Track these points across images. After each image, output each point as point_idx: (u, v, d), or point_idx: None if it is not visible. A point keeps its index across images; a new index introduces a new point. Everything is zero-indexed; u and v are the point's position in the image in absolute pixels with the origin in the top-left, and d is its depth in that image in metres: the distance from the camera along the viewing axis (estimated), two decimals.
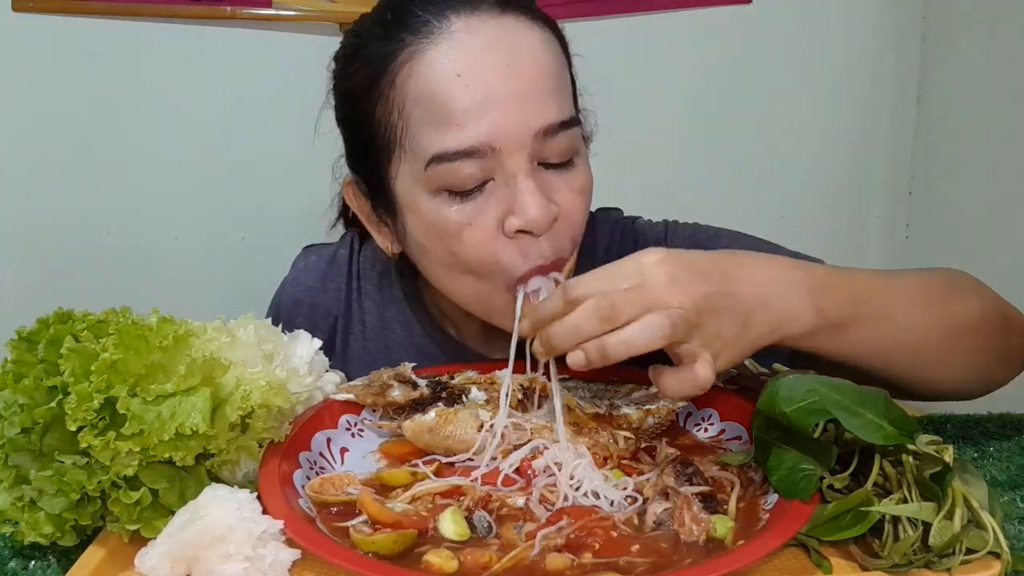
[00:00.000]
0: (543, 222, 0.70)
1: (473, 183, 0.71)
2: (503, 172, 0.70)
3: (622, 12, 1.90)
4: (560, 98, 0.73)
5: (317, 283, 0.95)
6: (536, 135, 0.70)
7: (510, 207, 0.70)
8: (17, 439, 0.58)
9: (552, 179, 0.73)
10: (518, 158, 0.70)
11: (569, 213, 0.73)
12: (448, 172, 0.70)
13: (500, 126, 0.69)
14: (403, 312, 0.93)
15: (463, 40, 0.70)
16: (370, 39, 0.75)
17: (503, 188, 0.71)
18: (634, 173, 2.01)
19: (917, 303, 0.70)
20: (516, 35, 0.72)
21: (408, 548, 0.54)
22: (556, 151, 0.72)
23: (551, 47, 0.74)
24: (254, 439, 0.63)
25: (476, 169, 0.70)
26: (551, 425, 0.68)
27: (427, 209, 0.73)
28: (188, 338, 0.62)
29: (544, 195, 0.71)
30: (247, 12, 1.79)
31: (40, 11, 1.74)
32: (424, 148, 0.71)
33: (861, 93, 2.05)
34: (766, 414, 0.59)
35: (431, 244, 0.75)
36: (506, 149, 0.69)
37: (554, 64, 0.73)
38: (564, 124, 0.72)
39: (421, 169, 0.71)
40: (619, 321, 0.57)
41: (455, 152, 0.69)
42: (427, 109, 0.70)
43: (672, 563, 0.53)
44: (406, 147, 0.73)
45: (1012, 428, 0.82)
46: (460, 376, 0.75)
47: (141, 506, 0.57)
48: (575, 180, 0.74)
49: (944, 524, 0.53)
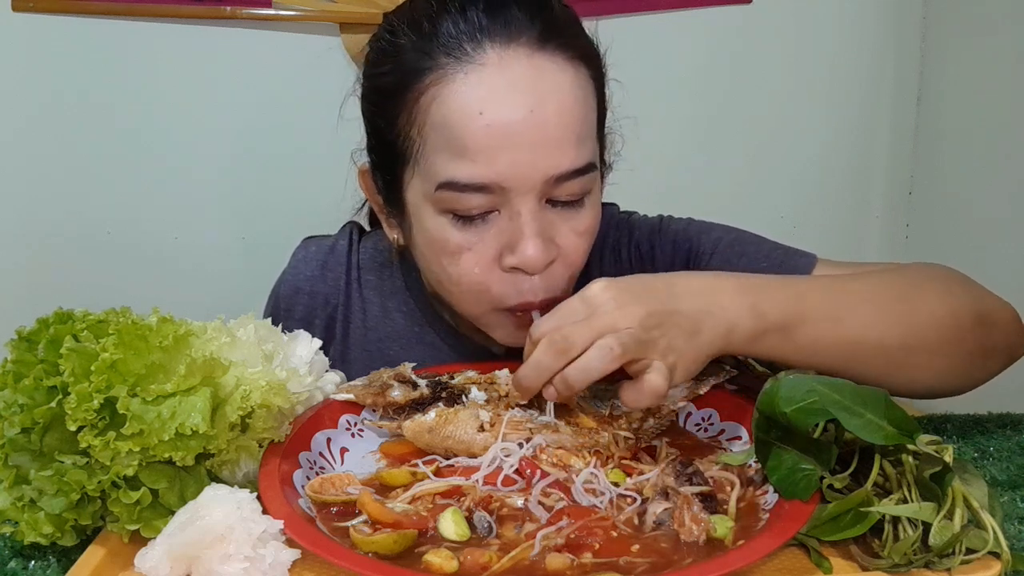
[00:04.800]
0: (539, 264, 0.72)
1: (478, 212, 0.73)
2: (509, 208, 0.72)
3: (622, 12, 1.90)
4: (579, 146, 0.73)
5: (317, 272, 0.96)
6: (547, 180, 0.72)
7: (510, 242, 0.72)
8: (17, 439, 0.58)
9: (557, 219, 0.74)
10: (526, 198, 0.71)
11: (568, 255, 0.75)
12: (455, 199, 0.72)
13: (512, 169, 0.70)
14: (405, 302, 0.94)
15: (492, 76, 0.70)
16: (405, 45, 0.75)
17: (507, 222, 0.72)
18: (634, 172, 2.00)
19: (872, 302, 0.70)
20: (547, 76, 0.71)
21: (408, 548, 0.54)
22: (566, 192, 0.73)
23: (582, 89, 0.74)
24: (254, 439, 0.63)
25: (483, 201, 0.72)
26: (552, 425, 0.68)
27: (431, 226, 0.75)
28: (188, 338, 0.62)
29: (545, 236, 0.72)
30: (247, 12, 1.79)
31: (40, 11, 1.74)
32: (436, 172, 0.72)
33: (861, 93, 2.05)
34: (766, 414, 0.59)
35: (431, 257, 0.78)
36: (515, 189, 0.71)
37: (580, 108, 0.73)
38: (578, 172, 0.73)
39: (431, 190, 0.73)
40: (575, 352, 0.60)
41: (464, 184, 0.71)
42: (445, 137, 0.71)
43: (672, 563, 0.53)
44: (420, 164, 0.74)
45: (1012, 428, 0.82)
46: (460, 376, 0.75)
47: (141, 506, 0.57)
48: (580, 222, 0.75)
49: (944, 524, 0.53)
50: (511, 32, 0.71)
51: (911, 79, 2.04)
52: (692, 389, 0.73)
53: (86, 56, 1.77)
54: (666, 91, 1.95)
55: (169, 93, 1.82)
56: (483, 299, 0.76)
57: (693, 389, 0.73)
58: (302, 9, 1.80)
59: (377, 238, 0.98)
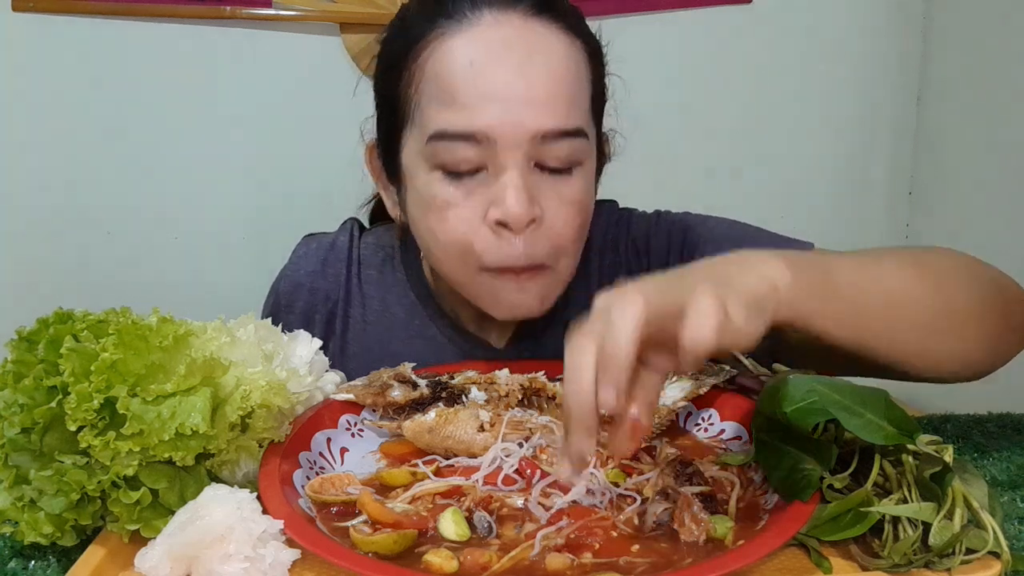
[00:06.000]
0: (521, 216, 0.72)
1: (467, 167, 0.73)
2: (495, 164, 0.73)
3: (622, 12, 1.90)
4: (568, 108, 0.74)
5: (317, 268, 0.96)
6: (534, 137, 0.72)
7: (496, 197, 0.73)
8: (17, 439, 0.58)
9: (544, 183, 0.74)
10: (513, 154, 0.72)
11: (552, 220, 0.74)
12: (445, 151, 0.73)
13: (500, 119, 0.71)
14: (406, 295, 0.94)
15: (486, 33, 0.73)
16: (413, 17, 0.79)
17: (493, 180, 0.73)
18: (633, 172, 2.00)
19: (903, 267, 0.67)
20: (539, 40, 0.74)
21: (408, 548, 0.54)
22: (554, 156, 0.74)
23: (574, 61, 0.75)
24: (254, 439, 0.63)
25: (472, 154, 0.72)
26: (552, 425, 0.68)
27: (422, 183, 0.76)
28: (188, 338, 0.62)
29: (529, 194, 0.72)
30: (247, 12, 1.79)
31: (40, 11, 1.74)
32: (428, 123, 0.74)
33: (861, 93, 2.05)
34: (766, 414, 0.59)
35: (419, 218, 0.79)
36: (502, 142, 0.72)
37: (571, 74, 0.75)
38: (566, 133, 0.73)
39: (423, 143, 0.74)
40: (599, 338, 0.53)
41: (454, 133, 0.72)
42: (438, 87, 0.73)
43: (672, 563, 0.53)
44: (415, 120, 0.76)
45: (1012, 428, 0.82)
46: (460, 376, 0.75)
47: (141, 506, 0.57)
48: (567, 190, 0.75)
49: (944, 524, 0.53)
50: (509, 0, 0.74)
51: (911, 79, 2.04)
52: (692, 389, 0.73)
53: (86, 56, 1.77)
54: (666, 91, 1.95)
55: (169, 93, 1.82)
56: (468, 259, 0.76)
57: (693, 389, 0.73)
58: (302, 9, 1.80)
59: (378, 234, 0.99)
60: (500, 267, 0.75)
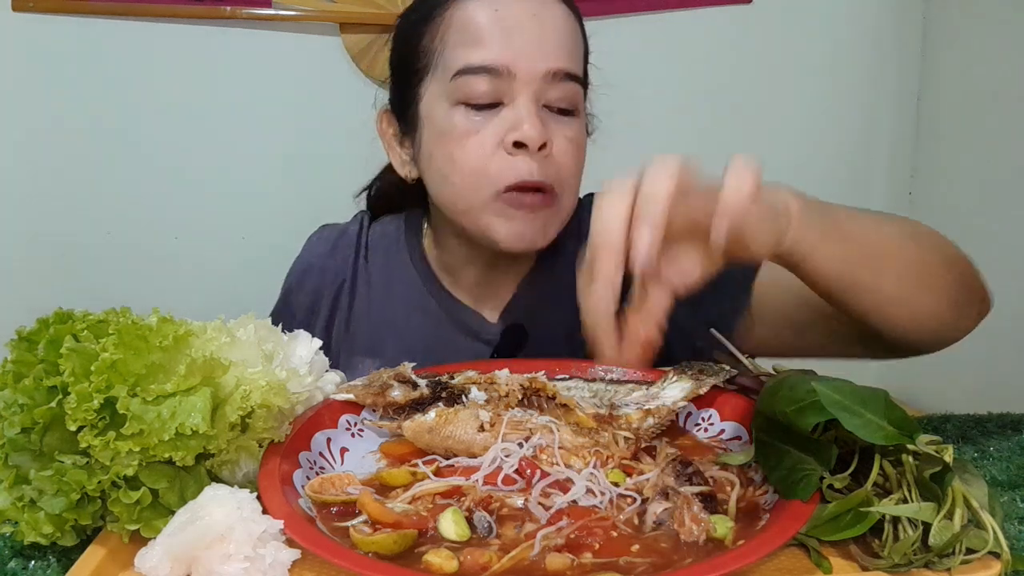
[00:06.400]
0: (536, 138, 0.82)
1: (487, 99, 0.84)
2: (512, 97, 0.84)
3: (622, 12, 1.90)
4: (573, 55, 0.86)
5: (327, 250, 1.06)
6: (546, 74, 0.84)
7: (513, 124, 0.83)
8: (17, 439, 0.58)
9: (551, 121, 0.86)
10: (528, 88, 0.84)
11: (559, 152, 0.85)
12: (468, 84, 0.84)
13: (518, 54, 0.83)
14: (408, 271, 1.01)
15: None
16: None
17: (510, 112, 0.84)
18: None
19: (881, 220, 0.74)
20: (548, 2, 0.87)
21: (408, 548, 0.54)
22: (559, 96, 0.85)
23: (573, 27, 0.88)
24: (254, 439, 0.63)
25: (492, 87, 0.83)
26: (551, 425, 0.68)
27: (443, 118, 0.86)
28: (188, 338, 0.62)
29: (541, 121, 0.84)
30: (247, 12, 1.79)
31: (40, 11, 1.74)
32: (453, 63, 0.85)
33: (861, 93, 2.05)
34: (766, 414, 0.59)
35: (437, 151, 0.87)
36: (520, 76, 0.83)
37: (572, 32, 0.88)
38: (571, 76, 0.85)
39: (447, 80, 0.85)
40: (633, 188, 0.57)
41: (478, 66, 0.83)
42: (463, 32, 0.85)
43: (672, 563, 0.53)
44: (439, 66, 0.87)
45: (1012, 428, 0.82)
46: (460, 376, 0.75)
47: (141, 506, 0.57)
48: (570, 129, 0.87)
49: (944, 524, 0.53)
50: None
51: (911, 79, 2.05)
52: (692, 389, 0.73)
53: (86, 56, 1.77)
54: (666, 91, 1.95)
55: (169, 93, 1.82)
56: (482, 183, 0.85)
57: (693, 389, 0.73)
58: (302, 9, 1.80)
59: (384, 223, 1.07)
60: (514, 184, 0.83)
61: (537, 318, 0.94)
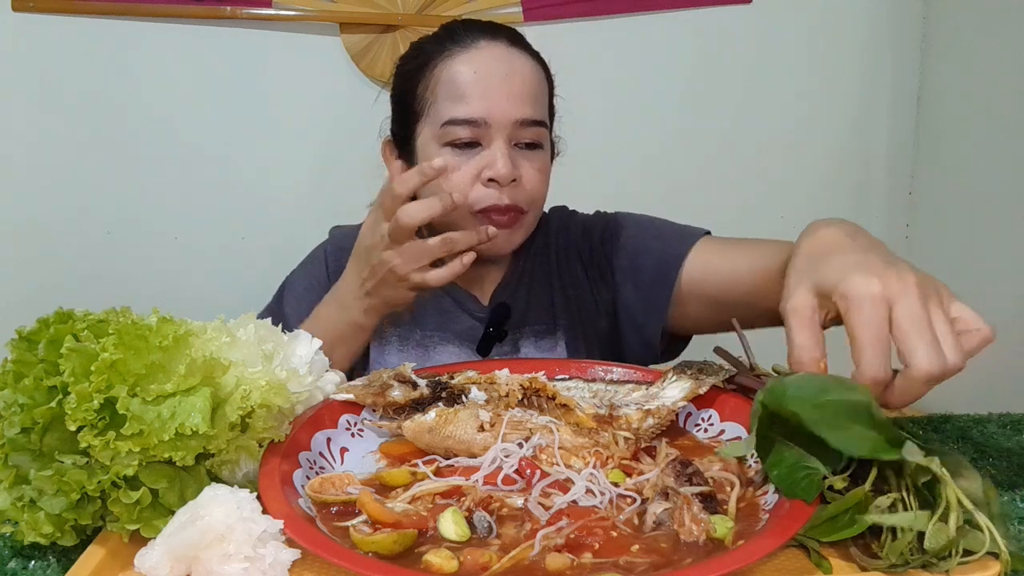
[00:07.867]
0: (507, 175, 1.00)
1: (468, 141, 1.01)
2: (489, 140, 1.02)
3: (622, 12, 1.90)
4: (537, 105, 1.05)
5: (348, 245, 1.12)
6: (515, 122, 1.02)
7: (488, 163, 1.01)
8: (17, 439, 0.58)
9: (520, 157, 1.04)
10: (501, 133, 1.01)
11: (527, 180, 1.04)
12: (454, 131, 1.01)
13: (493, 109, 1.01)
14: None
15: (482, 53, 1.04)
16: (427, 44, 1.08)
17: (487, 152, 1.02)
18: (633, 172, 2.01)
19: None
20: (517, 59, 1.05)
21: (408, 548, 0.55)
22: (527, 136, 1.03)
23: (538, 77, 1.07)
24: (254, 439, 0.63)
25: (472, 133, 1.01)
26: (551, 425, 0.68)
27: (434, 155, 1.03)
28: (188, 338, 0.62)
29: (512, 160, 1.02)
30: (247, 12, 1.79)
31: (40, 11, 1.74)
32: (442, 114, 1.03)
33: (861, 93, 2.05)
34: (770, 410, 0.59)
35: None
36: (494, 125, 1.01)
37: (538, 85, 1.06)
38: (535, 121, 1.04)
39: (437, 128, 1.03)
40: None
41: (462, 119, 1.01)
42: (449, 89, 1.03)
43: (672, 563, 0.53)
44: (430, 114, 1.04)
45: (1012, 428, 0.82)
46: (460, 376, 0.75)
47: (141, 506, 0.57)
48: (537, 160, 1.05)
49: (938, 527, 0.52)
50: (495, 34, 1.06)
51: (911, 79, 2.05)
52: (692, 389, 0.73)
53: (86, 56, 1.77)
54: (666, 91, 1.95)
55: (169, 93, 1.82)
56: (464, 207, 1.01)
57: (693, 389, 0.73)
58: (302, 9, 1.80)
59: None
60: (489, 207, 1.01)
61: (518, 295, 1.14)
